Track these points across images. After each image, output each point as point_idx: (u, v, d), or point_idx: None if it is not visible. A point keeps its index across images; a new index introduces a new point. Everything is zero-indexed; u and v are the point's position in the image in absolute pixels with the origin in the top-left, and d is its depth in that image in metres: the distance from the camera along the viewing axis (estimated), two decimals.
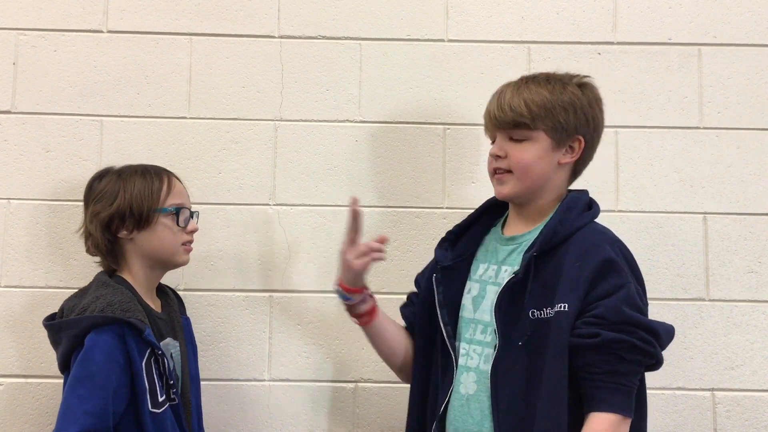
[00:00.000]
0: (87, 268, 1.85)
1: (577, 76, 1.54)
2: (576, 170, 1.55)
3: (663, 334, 1.38)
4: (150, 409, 1.45)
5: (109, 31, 1.94)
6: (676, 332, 1.43)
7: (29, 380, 1.85)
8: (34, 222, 1.89)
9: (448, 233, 1.64)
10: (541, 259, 1.43)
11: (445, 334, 1.55)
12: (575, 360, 1.36)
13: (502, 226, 1.59)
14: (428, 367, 1.59)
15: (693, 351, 1.88)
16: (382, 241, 1.55)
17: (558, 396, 1.35)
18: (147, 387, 1.46)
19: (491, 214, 1.63)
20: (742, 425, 1.86)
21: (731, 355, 1.88)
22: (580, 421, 1.35)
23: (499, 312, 1.44)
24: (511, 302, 1.43)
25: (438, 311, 1.57)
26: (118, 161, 1.69)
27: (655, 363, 1.39)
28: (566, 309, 1.37)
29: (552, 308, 1.38)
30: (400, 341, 1.64)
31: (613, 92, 1.94)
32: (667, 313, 1.85)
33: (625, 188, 1.92)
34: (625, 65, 1.95)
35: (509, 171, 1.51)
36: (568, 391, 1.35)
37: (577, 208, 1.48)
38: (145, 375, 1.46)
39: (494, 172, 1.53)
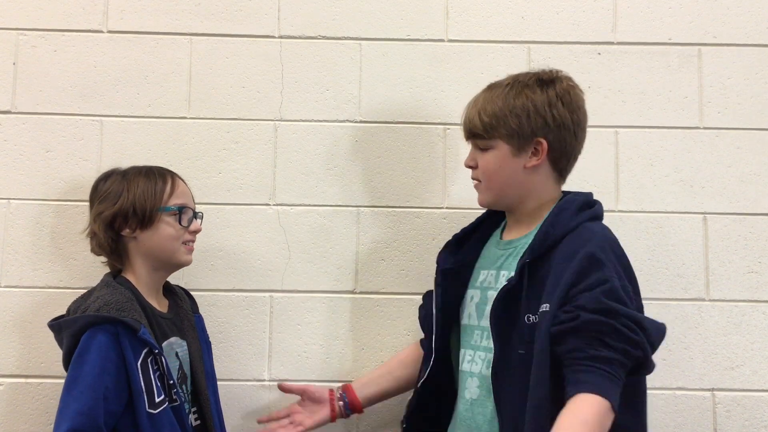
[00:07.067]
0: (87, 268, 1.85)
1: (545, 72, 1.50)
2: (559, 170, 1.51)
3: (650, 328, 1.33)
4: (147, 410, 1.45)
5: (109, 31, 1.94)
6: (676, 332, 1.43)
7: (29, 380, 1.84)
8: (34, 222, 1.88)
9: (454, 236, 1.65)
10: (535, 263, 1.41)
11: (434, 336, 1.56)
12: (558, 348, 1.31)
13: (502, 231, 1.59)
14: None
15: (693, 351, 1.88)
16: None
17: (540, 393, 1.31)
18: (143, 388, 1.45)
19: (491, 221, 1.63)
20: (742, 425, 1.86)
21: (731, 355, 1.88)
22: None
23: (495, 317, 1.43)
24: (506, 308, 1.42)
25: (434, 313, 1.58)
26: (118, 161, 1.70)
27: (644, 358, 1.32)
28: (548, 309, 1.34)
29: (539, 310, 1.36)
30: (407, 374, 1.72)
31: (613, 92, 1.94)
32: (667, 313, 1.84)
33: (625, 188, 1.92)
34: (625, 65, 1.95)
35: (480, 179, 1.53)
36: (551, 387, 1.31)
37: (569, 210, 1.45)
38: (141, 375, 1.46)
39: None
